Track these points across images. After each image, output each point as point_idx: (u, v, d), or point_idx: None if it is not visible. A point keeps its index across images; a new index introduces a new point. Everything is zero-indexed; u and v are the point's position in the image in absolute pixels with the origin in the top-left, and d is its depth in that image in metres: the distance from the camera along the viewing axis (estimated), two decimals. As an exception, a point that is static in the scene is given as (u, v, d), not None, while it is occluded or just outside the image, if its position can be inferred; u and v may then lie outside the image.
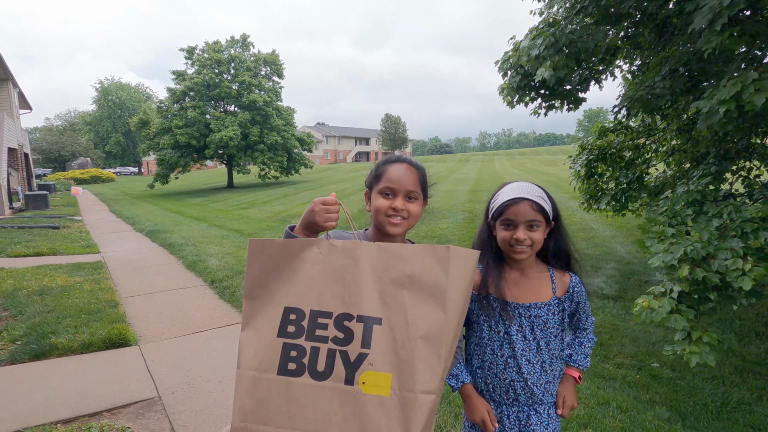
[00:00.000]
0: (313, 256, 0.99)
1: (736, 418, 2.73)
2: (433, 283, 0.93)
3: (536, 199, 1.24)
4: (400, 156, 1.28)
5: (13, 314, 4.24)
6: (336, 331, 0.94)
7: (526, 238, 1.23)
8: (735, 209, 2.72)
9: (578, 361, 1.40)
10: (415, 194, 1.22)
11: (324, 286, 0.97)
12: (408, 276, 0.94)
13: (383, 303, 0.94)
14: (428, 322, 0.92)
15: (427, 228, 9.19)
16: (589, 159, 5.60)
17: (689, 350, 2.35)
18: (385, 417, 0.88)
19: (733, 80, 2.54)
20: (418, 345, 0.90)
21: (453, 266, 0.93)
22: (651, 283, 5.35)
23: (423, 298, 0.93)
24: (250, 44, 28.58)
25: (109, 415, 2.66)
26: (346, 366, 0.91)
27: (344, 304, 0.95)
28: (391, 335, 0.92)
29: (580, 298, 1.37)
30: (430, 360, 0.90)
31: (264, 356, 0.95)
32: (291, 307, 0.97)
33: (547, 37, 3.93)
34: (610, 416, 2.63)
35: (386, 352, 0.91)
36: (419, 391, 0.88)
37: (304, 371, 0.92)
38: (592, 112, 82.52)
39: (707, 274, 2.40)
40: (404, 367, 0.90)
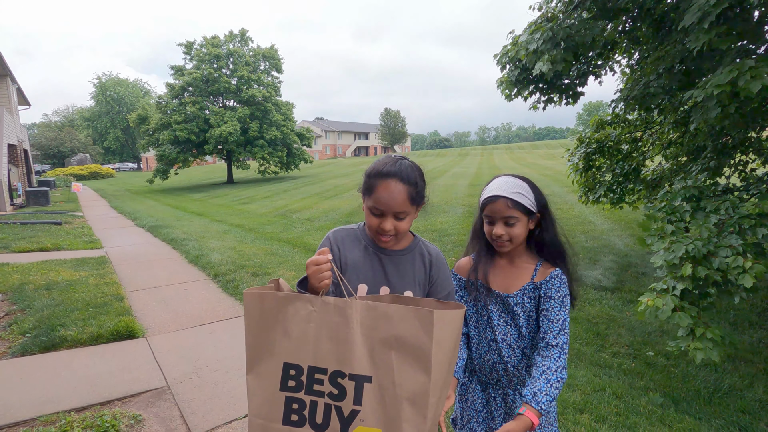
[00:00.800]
0: (307, 314, 1.03)
1: (727, 403, 2.82)
2: (418, 346, 0.96)
3: (512, 195, 1.25)
4: (393, 167, 1.21)
5: (22, 308, 4.31)
6: (331, 387, 1.00)
7: (504, 234, 1.27)
8: (732, 205, 2.76)
9: (541, 403, 1.17)
10: (405, 213, 1.21)
11: (319, 343, 1.02)
12: (394, 337, 0.98)
13: (372, 362, 0.99)
14: (413, 385, 0.96)
15: (426, 222, 9.27)
16: (587, 152, 5.66)
17: (694, 346, 2.39)
18: None
19: (730, 67, 2.59)
20: (404, 406, 0.95)
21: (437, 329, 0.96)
22: (648, 276, 5.44)
23: (408, 360, 0.97)
24: (248, 39, 28.47)
25: (120, 404, 2.75)
26: (340, 421, 0.98)
27: (337, 362, 1.00)
28: (380, 393, 0.97)
29: (552, 291, 1.28)
30: (415, 420, 0.96)
31: (270, 407, 1.03)
32: (290, 363, 1.03)
33: (545, 32, 3.98)
34: (605, 402, 2.72)
35: (376, 409, 0.97)
36: None
37: (305, 423, 1.00)
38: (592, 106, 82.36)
39: (709, 272, 2.44)
40: (391, 425, 0.96)
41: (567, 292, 1.30)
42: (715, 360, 2.33)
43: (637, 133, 5.65)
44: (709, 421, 2.60)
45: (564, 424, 2.47)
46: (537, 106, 5.03)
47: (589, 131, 5.93)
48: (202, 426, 2.51)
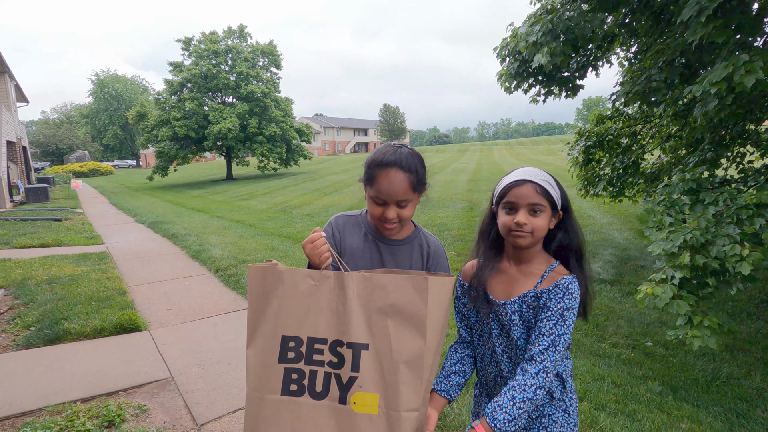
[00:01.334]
0: (307, 288, 1.08)
1: (725, 391, 2.86)
2: (413, 311, 1.01)
3: (541, 182, 1.14)
4: (393, 156, 1.21)
5: (25, 302, 4.34)
6: (331, 356, 1.04)
7: (527, 223, 1.13)
8: (730, 196, 2.79)
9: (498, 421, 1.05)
10: (407, 201, 1.22)
11: (319, 315, 1.06)
12: (390, 305, 1.02)
13: (370, 330, 1.02)
14: (410, 349, 1.01)
15: (427, 217, 9.29)
16: (587, 145, 5.68)
17: (691, 334, 2.43)
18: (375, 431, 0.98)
19: (725, 63, 2.61)
20: (402, 369, 1.00)
21: (431, 295, 1.01)
22: (647, 268, 5.47)
23: (405, 326, 1.01)
24: (247, 35, 28.36)
25: (125, 395, 2.78)
26: (339, 387, 1.01)
27: (337, 332, 1.04)
28: (378, 360, 1.01)
29: (552, 302, 1.12)
30: (413, 382, 1.00)
31: (267, 379, 1.06)
32: (289, 336, 1.07)
33: (545, 24, 3.99)
34: (604, 390, 2.75)
35: (373, 375, 1.01)
36: (403, 410, 0.99)
37: (304, 392, 1.03)
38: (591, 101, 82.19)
39: (707, 260, 2.48)
40: (390, 389, 0.99)
41: (570, 306, 1.11)
42: (712, 347, 2.36)
43: (636, 127, 5.67)
44: (707, 408, 2.64)
45: (564, 411, 2.50)
46: (537, 99, 5.04)
47: (589, 125, 5.95)
48: (206, 415, 2.54)
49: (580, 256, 1.21)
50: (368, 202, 1.27)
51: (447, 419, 2.38)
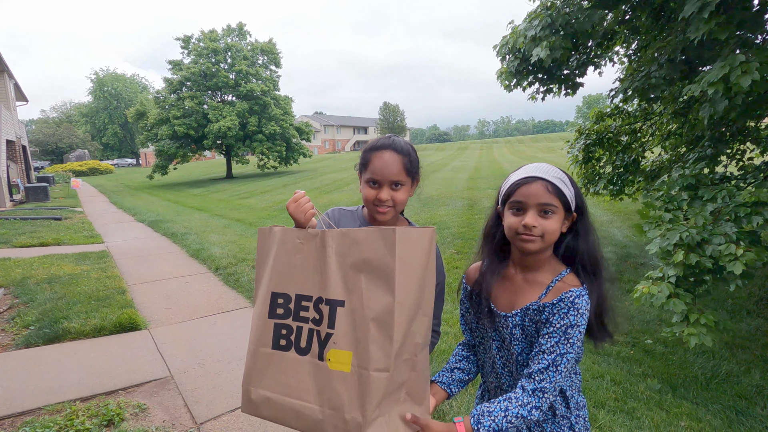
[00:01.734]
0: (294, 246, 1.11)
1: (724, 389, 2.86)
2: (383, 266, 0.96)
3: (553, 179, 1.03)
4: (387, 140, 1.26)
5: (24, 301, 4.34)
6: (314, 313, 1.05)
7: (537, 225, 1.01)
8: (729, 193, 2.79)
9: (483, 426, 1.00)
10: (401, 182, 1.24)
11: (305, 272, 1.08)
12: (363, 260, 0.99)
13: (345, 287, 1.01)
14: (378, 306, 0.96)
15: (426, 215, 9.29)
16: (586, 143, 5.66)
17: (687, 332, 2.44)
18: (347, 390, 0.97)
19: (722, 63, 2.60)
20: (370, 327, 0.96)
21: (399, 249, 0.95)
22: (646, 266, 5.47)
23: (375, 282, 0.97)
24: (246, 33, 28.31)
25: (124, 393, 2.78)
26: (318, 344, 1.03)
27: (319, 289, 1.06)
28: (352, 317, 0.99)
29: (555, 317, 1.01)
30: (381, 341, 0.95)
31: (261, 333, 1.10)
32: (278, 293, 1.10)
33: (544, 18, 3.98)
34: (604, 388, 2.75)
35: (347, 332, 0.99)
36: (372, 369, 0.95)
37: (291, 347, 1.06)
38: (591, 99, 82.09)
39: (700, 259, 2.48)
40: (360, 347, 0.97)
41: (575, 323, 1.00)
42: (708, 345, 2.37)
43: (636, 125, 5.66)
44: (707, 406, 2.64)
45: (563, 409, 2.50)
46: (536, 97, 5.03)
47: (589, 123, 5.93)
48: (206, 414, 2.55)
49: (595, 264, 1.08)
50: (363, 188, 1.28)
51: (446, 418, 2.38)
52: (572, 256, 1.09)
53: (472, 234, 7.30)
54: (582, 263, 1.08)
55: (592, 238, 1.10)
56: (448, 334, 3.51)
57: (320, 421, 1.00)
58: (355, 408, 0.96)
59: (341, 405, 0.97)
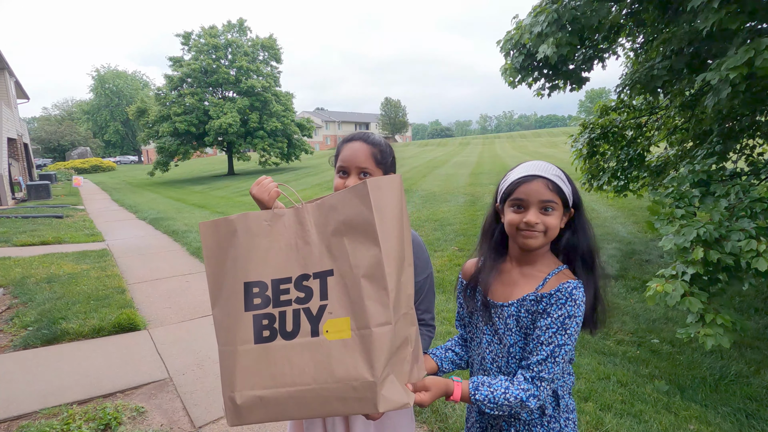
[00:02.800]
0: (261, 229, 1.03)
1: (733, 390, 2.80)
2: (362, 221, 0.96)
3: (552, 177, 1.06)
4: (358, 133, 1.28)
5: (23, 301, 4.31)
6: (297, 293, 1.00)
7: (539, 222, 1.05)
8: (743, 189, 2.71)
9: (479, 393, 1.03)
10: (368, 170, 1.23)
11: (279, 254, 1.02)
12: (342, 223, 0.98)
13: (331, 255, 0.99)
14: (367, 261, 0.95)
15: (428, 212, 9.22)
16: (591, 137, 5.58)
17: (704, 333, 2.34)
18: (350, 356, 0.94)
19: (746, 47, 2.51)
20: (363, 284, 0.94)
21: (374, 198, 0.95)
22: (652, 263, 5.40)
23: (359, 239, 0.96)
24: (247, 29, 28.16)
25: (122, 396, 2.74)
26: (310, 320, 0.98)
27: (300, 267, 1.01)
28: (342, 282, 0.97)
29: (553, 308, 1.03)
30: (377, 294, 0.94)
31: (238, 331, 1.01)
32: (251, 282, 1.02)
33: (550, 14, 3.88)
34: (610, 390, 2.70)
35: (341, 298, 0.97)
36: (374, 326, 0.93)
37: (276, 335, 0.99)
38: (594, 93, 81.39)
39: (721, 256, 2.39)
40: (356, 308, 0.95)
41: (573, 314, 1.02)
42: (726, 346, 2.28)
43: (641, 119, 5.56)
44: (716, 409, 2.58)
45: (569, 412, 2.45)
46: (542, 93, 4.94)
47: (594, 117, 5.84)
48: (204, 417, 2.50)
49: (590, 258, 1.12)
50: (334, 180, 1.27)
51: (449, 420, 2.33)
52: (570, 251, 1.13)
53: (474, 231, 7.23)
54: (580, 256, 1.11)
55: (590, 232, 1.13)
56: (450, 333, 3.46)
57: (326, 399, 0.94)
58: (364, 370, 0.92)
59: (347, 374, 0.93)
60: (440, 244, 6.55)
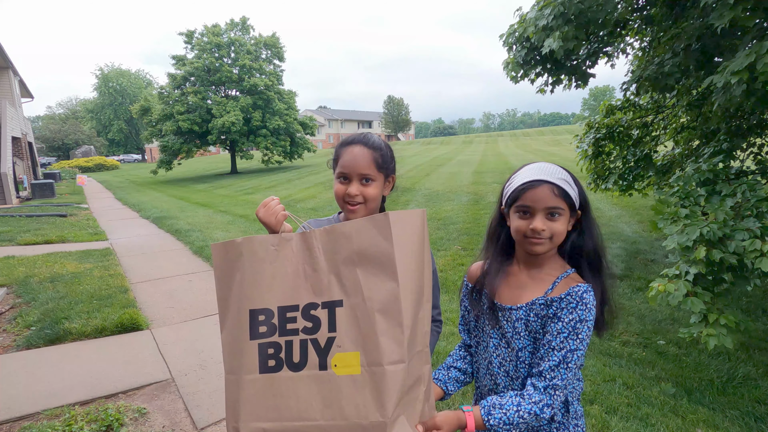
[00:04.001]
0: (268, 254, 0.99)
1: (741, 393, 2.76)
2: (380, 253, 0.92)
3: (558, 182, 1.03)
4: (358, 136, 1.25)
5: (26, 301, 4.32)
6: (305, 322, 0.96)
7: (545, 229, 1.03)
8: (749, 188, 2.66)
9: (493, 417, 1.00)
10: (370, 176, 1.20)
11: (286, 281, 0.98)
12: (356, 253, 0.94)
13: (341, 285, 0.95)
14: (382, 295, 0.91)
15: (432, 211, 9.18)
16: (596, 138, 5.52)
17: (707, 333, 2.31)
18: (360, 394, 0.90)
19: (747, 51, 2.47)
20: (377, 319, 0.91)
21: (395, 232, 0.92)
22: (657, 262, 5.34)
23: (374, 272, 0.92)
24: (249, 27, 28.14)
25: (124, 397, 2.73)
26: (318, 353, 0.94)
27: (308, 295, 0.97)
28: (353, 314, 0.93)
29: (563, 312, 1.01)
30: (392, 331, 0.90)
31: (243, 359, 0.98)
32: (257, 309, 0.98)
33: (556, 7, 3.81)
34: (616, 392, 2.66)
35: (351, 332, 0.92)
36: (386, 363, 0.89)
37: (282, 365, 0.95)
38: (598, 90, 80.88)
39: (724, 256, 2.34)
40: (368, 343, 0.91)
41: (584, 318, 1.01)
42: (728, 347, 2.25)
43: (647, 118, 5.49)
44: (723, 412, 2.54)
45: (574, 415, 2.42)
46: (545, 89, 4.88)
47: (599, 117, 5.78)
48: (206, 419, 2.49)
49: (598, 260, 1.10)
50: (335, 185, 1.25)
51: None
52: (577, 252, 1.11)
53: (478, 230, 7.19)
54: (588, 258, 1.10)
55: (597, 233, 1.11)
56: (454, 334, 3.43)
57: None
58: (373, 410, 0.88)
59: (356, 412, 0.89)
60: (443, 244, 6.51)
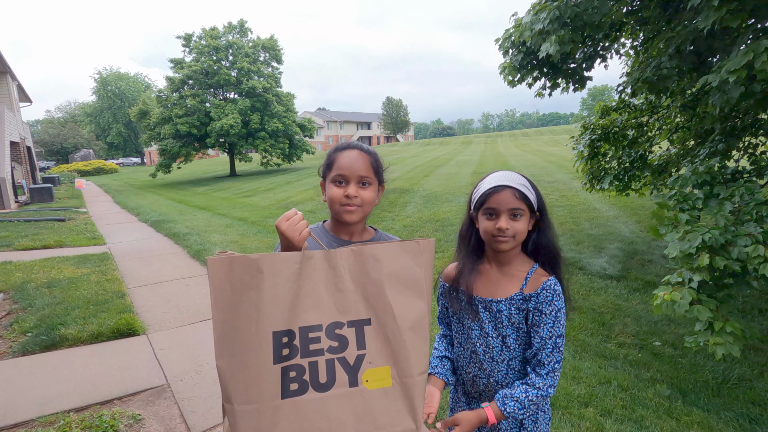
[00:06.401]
0: (292, 272, 0.95)
1: (736, 395, 2.76)
2: (411, 277, 1.02)
3: (519, 187, 1.19)
4: (351, 142, 1.28)
5: (23, 306, 4.31)
6: (330, 341, 0.96)
7: (509, 228, 1.19)
8: (747, 191, 2.64)
9: (508, 406, 1.17)
10: (368, 179, 1.23)
11: (308, 300, 0.96)
12: (387, 275, 1.00)
13: (368, 304, 1.00)
14: (413, 314, 1.01)
15: (430, 212, 9.19)
16: (592, 139, 5.52)
17: (713, 341, 2.28)
18: (393, 404, 0.97)
19: (744, 49, 2.47)
20: (408, 336, 1.00)
21: (424, 258, 1.03)
22: (654, 263, 5.34)
23: (404, 293, 1.01)
24: (248, 29, 28.15)
25: (119, 403, 2.73)
26: (347, 371, 0.96)
27: (332, 314, 0.98)
28: (383, 332, 0.99)
29: (544, 306, 1.18)
30: (420, 345, 1.01)
31: (262, 386, 0.92)
32: (279, 331, 0.93)
33: (552, 11, 3.82)
34: (611, 395, 2.66)
35: (381, 348, 0.99)
36: (417, 374, 0.99)
37: (307, 388, 0.93)
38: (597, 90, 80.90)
39: (728, 263, 2.32)
40: (400, 358, 0.99)
41: (561, 306, 1.19)
42: (736, 355, 2.22)
43: (642, 118, 5.50)
44: (718, 413, 2.54)
45: (569, 418, 2.42)
46: (542, 93, 4.88)
47: (594, 118, 5.79)
48: (201, 425, 2.49)
49: (555, 253, 1.27)
50: (329, 188, 1.24)
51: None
52: (537, 249, 1.28)
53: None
54: (546, 254, 1.26)
55: (552, 233, 1.28)
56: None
57: None
58: (406, 416, 0.97)
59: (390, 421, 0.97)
60: (441, 245, 6.52)
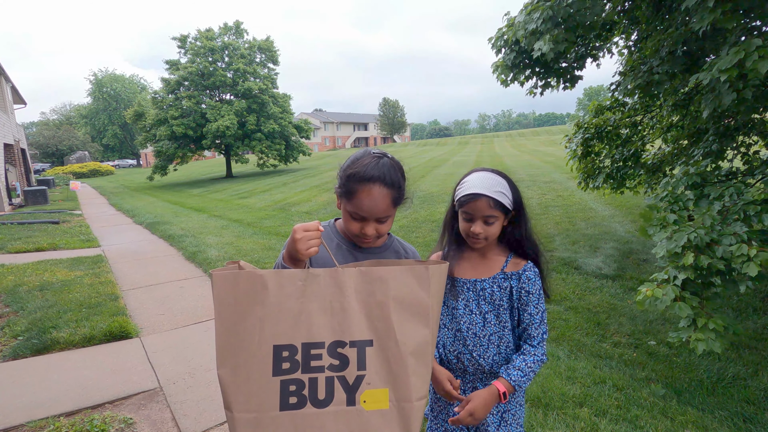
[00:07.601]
0: (295, 289, 0.98)
1: (731, 393, 2.76)
2: (417, 302, 1.01)
3: (495, 195, 1.26)
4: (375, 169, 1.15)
5: (15, 310, 4.27)
6: (331, 359, 0.98)
7: (482, 232, 1.29)
8: (737, 191, 2.66)
9: (512, 376, 1.27)
10: (388, 216, 1.20)
11: (312, 317, 0.98)
12: (392, 298, 1.00)
13: (371, 325, 1.00)
14: (416, 339, 1.01)
15: (426, 212, 9.18)
16: (585, 137, 5.53)
17: (695, 338, 2.31)
18: (388, 426, 0.97)
19: (735, 48, 2.47)
20: (410, 361, 0.99)
21: (432, 284, 1.02)
22: (650, 263, 5.35)
23: (408, 318, 1.01)
24: (243, 31, 28.11)
25: (111, 407, 2.70)
26: (345, 390, 0.97)
27: (335, 333, 0.99)
28: (384, 355, 0.99)
29: (530, 286, 1.32)
30: (421, 371, 1.01)
31: (262, 397, 0.95)
32: (281, 345, 0.97)
33: (545, 11, 3.83)
34: (606, 394, 2.66)
35: (380, 371, 0.99)
36: (415, 400, 0.99)
37: (306, 402, 0.96)
38: (592, 90, 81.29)
39: (712, 261, 2.35)
40: (399, 382, 0.99)
41: (540, 285, 1.34)
42: (717, 351, 2.25)
43: (636, 117, 5.52)
44: (713, 413, 2.54)
45: (563, 418, 2.41)
46: (534, 92, 4.89)
47: (588, 117, 5.80)
48: (193, 428, 2.46)
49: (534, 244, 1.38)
50: (344, 215, 1.24)
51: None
52: (513, 240, 1.38)
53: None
54: (524, 245, 1.36)
55: (528, 226, 1.37)
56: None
57: None
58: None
59: None
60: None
